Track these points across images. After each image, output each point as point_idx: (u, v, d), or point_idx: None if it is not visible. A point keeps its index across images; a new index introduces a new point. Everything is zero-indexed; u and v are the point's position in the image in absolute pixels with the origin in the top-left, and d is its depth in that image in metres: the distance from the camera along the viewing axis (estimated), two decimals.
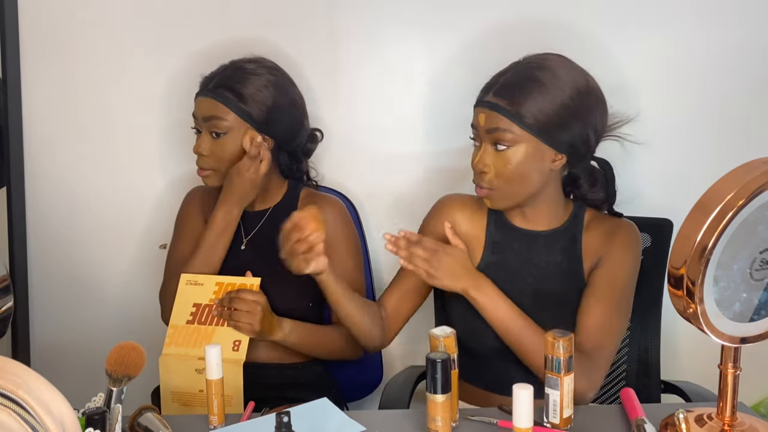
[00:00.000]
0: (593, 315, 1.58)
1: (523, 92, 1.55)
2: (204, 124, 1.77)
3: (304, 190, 1.90)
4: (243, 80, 1.77)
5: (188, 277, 1.73)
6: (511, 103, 1.55)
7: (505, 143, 1.56)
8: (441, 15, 2.03)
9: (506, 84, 1.57)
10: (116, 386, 1.27)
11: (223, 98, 1.75)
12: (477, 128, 1.60)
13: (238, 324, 1.62)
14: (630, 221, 1.69)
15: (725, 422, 1.31)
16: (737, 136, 2.06)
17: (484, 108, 1.58)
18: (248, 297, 1.63)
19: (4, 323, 1.40)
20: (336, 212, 1.85)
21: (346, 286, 1.67)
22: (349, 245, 1.85)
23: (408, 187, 2.11)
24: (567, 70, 1.58)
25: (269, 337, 1.67)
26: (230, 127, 1.76)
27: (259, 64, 1.81)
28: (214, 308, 1.66)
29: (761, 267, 1.25)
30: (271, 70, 1.82)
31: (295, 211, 1.56)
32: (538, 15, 2.01)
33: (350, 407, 1.96)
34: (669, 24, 2.02)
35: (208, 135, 1.77)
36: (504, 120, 1.55)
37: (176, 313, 1.67)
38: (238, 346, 1.62)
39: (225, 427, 1.40)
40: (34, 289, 2.17)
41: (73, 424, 0.97)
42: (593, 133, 1.59)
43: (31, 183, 2.14)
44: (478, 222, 1.72)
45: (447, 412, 1.30)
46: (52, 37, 2.09)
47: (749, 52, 2.02)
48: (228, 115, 1.75)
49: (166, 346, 1.63)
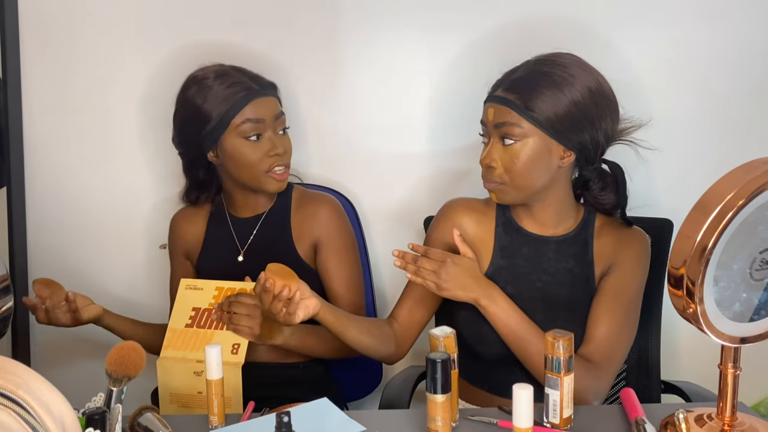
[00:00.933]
0: (603, 325, 1.57)
1: (533, 87, 1.54)
2: (273, 123, 1.78)
3: (296, 190, 1.89)
4: (263, 79, 1.82)
5: (188, 281, 1.73)
6: (521, 97, 1.54)
7: (513, 137, 1.55)
8: (441, 15, 2.03)
9: (517, 80, 1.57)
10: (116, 386, 1.27)
11: (276, 95, 1.81)
12: (486, 124, 1.60)
13: (238, 327, 1.62)
14: (641, 230, 1.67)
15: (725, 422, 1.31)
16: (738, 136, 2.06)
17: (493, 103, 1.58)
18: (248, 301, 1.62)
19: (4, 323, 1.40)
20: (331, 210, 1.84)
21: (344, 313, 1.64)
22: (345, 242, 1.84)
23: (408, 188, 2.11)
24: (579, 69, 1.57)
25: (269, 342, 1.66)
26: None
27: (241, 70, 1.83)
28: (214, 312, 1.66)
29: (761, 267, 1.25)
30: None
31: (262, 272, 1.53)
32: (539, 15, 2.00)
33: (350, 407, 1.96)
34: (669, 25, 2.02)
35: (280, 135, 1.80)
36: (512, 114, 1.54)
37: (175, 317, 1.67)
38: (237, 350, 1.61)
39: (225, 427, 1.40)
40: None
41: (73, 424, 0.98)
42: (603, 134, 1.58)
43: (31, 183, 2.14)
44: (486, 226, 1.70)
45: (447, 412, 1.30)
46: (52, 37, 2.09)
47: (750, 52, 2.02)
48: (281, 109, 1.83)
49: (164, 349, 1.63)
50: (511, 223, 1.68)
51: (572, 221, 1.67)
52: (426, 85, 2.07)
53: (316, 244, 1.83)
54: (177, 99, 1.81)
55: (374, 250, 2.11)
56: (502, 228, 1.69)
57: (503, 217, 1.69)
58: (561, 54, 1.60)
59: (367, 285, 1.98)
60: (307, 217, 1.83)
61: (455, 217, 1.71)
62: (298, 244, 1.82)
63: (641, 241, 1.65)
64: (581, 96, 1.55)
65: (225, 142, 1.75)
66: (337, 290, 1.83)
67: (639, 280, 1.63)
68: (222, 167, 1.81)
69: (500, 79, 1.61)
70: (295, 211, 1.85)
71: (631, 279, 1.62)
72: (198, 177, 1.86)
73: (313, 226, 1.83)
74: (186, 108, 1.79)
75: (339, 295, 1.82)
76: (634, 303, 1.62)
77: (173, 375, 1.60)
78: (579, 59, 1.60)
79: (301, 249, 1.82)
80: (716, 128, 2.06)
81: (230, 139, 1.74)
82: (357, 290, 1.85)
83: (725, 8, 2.01)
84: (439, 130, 2.08)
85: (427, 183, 2.10)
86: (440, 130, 2.08)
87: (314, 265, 1.84)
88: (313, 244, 1.83)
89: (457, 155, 2.05)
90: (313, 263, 1.84)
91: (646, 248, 1.66)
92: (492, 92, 1.60)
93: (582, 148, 1.57)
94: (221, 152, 1.77)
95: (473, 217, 1.71)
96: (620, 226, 1.67)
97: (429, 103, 2.07)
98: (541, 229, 1.66)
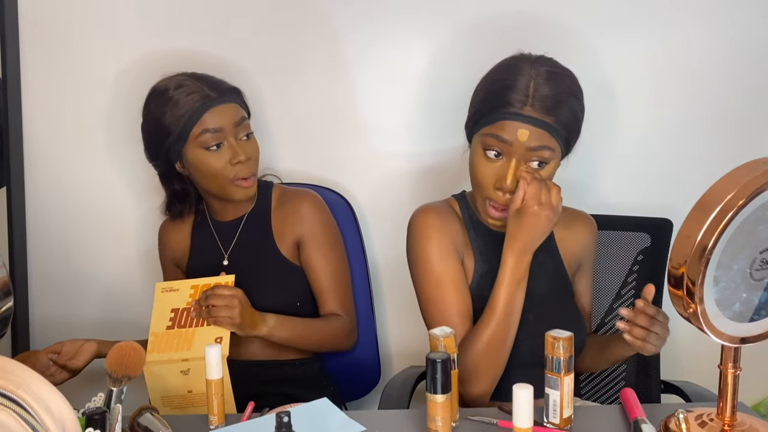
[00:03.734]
0: (587, 295, 1.71)
1: (561, 107, 1.49)
2: (234, 130, 1.74)
3: (276, 188, 1.88)
4: (221, 82, 1.80)
5: (163, 285, 1.73)
6: (556, 120, 1.48)
7: (545, 160, 1.49)
8: (441, 16, 2.03)
9: (546, 98, 1.48)
10: (116, 386, 1.27)
11: (239, 100, 1.79)
12: (509, 143, 1.48)
13: (218, 318, 1.61)
14: (580, 210, 1.72)
15: (725, 422, 1.31)
16: (737, 136, 2.06)
17: (527, 124, 1.47)
18: (224, 292, 1.62)
19: (4, 323, 1.40)
20: (311, 205, 1.83)
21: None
22: (329, 236, 1.84)
23: (407, 188, 2.11)
24: (576, 81, 1.55)
25: (253, 332, 1.66)
26: (250, 126, 1.79)
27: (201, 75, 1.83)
28: (192, 309, 1.66)
29: (761, 267, 1.25)
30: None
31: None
32: (537, 18, 2.01)
33: (350, 407, 1.96)
34: (670, 24, 2.02)
35: (242, 141, 1.75)
36: (549, 138, 1.48)
37: (155, 321, 1.67)
38: (221, 342, 1.61)
39: (225, 427, 1.40)
40: (34, 290, 2.18)
41: (73, 424, 0.97)
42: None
43: (31, 183, 2.14)
44: (461, 230, 1.63)
45: (447, 412, 1.29)
46: (52, 38, 2.09)
47: (750, 51, 2.02)
48: (245, 113, 1.79)
49: (149, 353, 1.60)
50: (480, 225, 1.63)
51: None
52: (425, 85, 2.07)
53: (299, 241, 1.82)
54: (142, 112, 1.81)
55: (373, 250, 2.11)
56: (473, 231, 1.63)
57: (470, 219, 1.63)
58: (556, 61, 1.56)
59: (364, 284, 1.98)
60: (288, 215, 1.82)
61: (443, 229, 1.59)
62: (281, 243, 1.82)
63: (586, 219, 1.71)
64: (583, 111, 1.55)
65: (187, 153, 1.74)
66: (324, 285, 1.82)
67: (594, 249, 1.73)
68: (190, 177, 1.81)
69: (518, 95, 1.48)
70: (275, 211, 1.84)
71: (594, 251, 1.73)
72: (174, 188, 1.85)
73: (295, 223, 1.81)
74: (148, 121, 1.79)
75: (326, 290, 1.82)
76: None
77: (161, 378, 1.59)
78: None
79: (284, 247, 1.82)
80: (716, 128, 2.06)
81: (191, 150, 1.73)
82: (344, 285, 1.85)
83: (726, 9, 2.01)
84: (439, 131, 2.08)
85: (426, 183, 2.10)
86: (440, 131, 2.08)
87: (299, 263, 1.83)
88: (295, 241, 1.82)
89: (456, 155, 2.05)
90: (297, 261, 1.83)
91: (592, 224, 1.72)
92: (516, 108, 1.48)
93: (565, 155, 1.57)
94: (186, 163, 1.77)
95: (454, 224, 1.62)
96: (565, 209, 1.63)
97: (428, 103, 2.08)
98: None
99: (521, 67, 1.52)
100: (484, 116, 1.53)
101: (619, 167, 2.07)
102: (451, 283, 1.57)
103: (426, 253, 1.59)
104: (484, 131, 1.52)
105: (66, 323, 2.18)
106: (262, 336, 1.69)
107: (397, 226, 2.09)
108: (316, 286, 1.83)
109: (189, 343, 1.61)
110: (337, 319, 1.81)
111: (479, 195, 1.57)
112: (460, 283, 1.58)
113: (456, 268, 1.59)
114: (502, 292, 1.51)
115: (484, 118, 1.53)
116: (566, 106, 1.50)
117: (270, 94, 2.07)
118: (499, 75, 1.55)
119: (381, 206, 2.11)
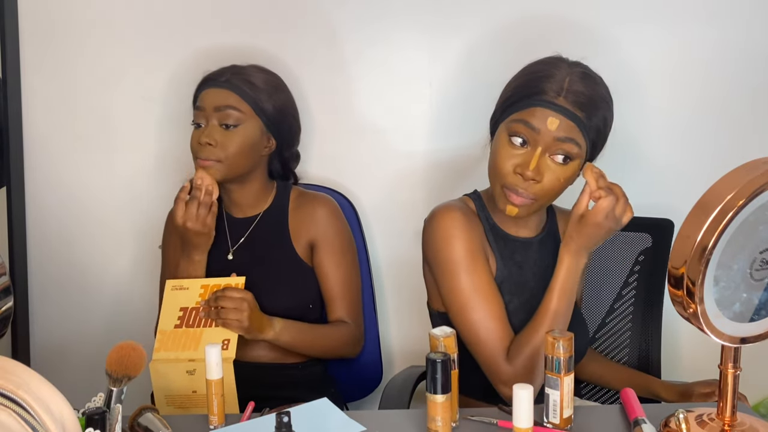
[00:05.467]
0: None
1: (595, 108, 1.48)
2: (214, 114, 1.74)
3: (294, 190, 1.89)
4: (256, 77, 1.78)
5: (173, 282, 1.73)
6: (587, 116, 1.47)
7: (571, 156, 1.47)
8: (442, 16, 2.03)
9: (580, 93, 1.47)
10: (116, 386, 1.27)
11: (239, 90, 1.75)
12: (537, 130, 1.46)
13: (227, 321, 1.61)
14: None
15: (725, 422, 1.31)
16: (738, 136, 2.06)
17: (556, 112, 1.46)
18: (234, 294, 1.62)
19: (4, 323, 1.40)
20: (328, 210, 1.84)
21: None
22: (342, 243, 1.84)
23: (408, 188, 2.11)
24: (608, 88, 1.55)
25: (260, 336, 1.66)
26: (243, 119, 1.75)
27: (260, 68, 1.82)
28: (201, 309, 1.66)
29: (761, 267, 1.25)
30: (275, 75, 1.84)
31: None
32: (539, 15, 2.01)
33: (350, 407, 1.96)
34: (671, 24, 2.02)
35: (217, 127, 1.75)
36: (578, 132, 1.46)
37: (164, 319, 1.67)
38: (228, 345, 1.61)
39: (225, 427, 1.40)
40: (34, 289, 2.18)
41: (73, 424, 0.98)
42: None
43: (31, 183, 2.14)
44: (482, 233, 1.59)
45: (447, 412, 1.29)
46: (52, 37, 2.09)
47: (752, 52, 2.02)
48: (242, 106, 1.75)
49: (156, 351, 1.61)
50: (497, 230, 1.61)
51: (542, 220, 1.65)
52: (426, 85, 2.07)
53: (313, 244, 1.83)
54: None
55: (374, 250, 2.11)
56: (491, 235, 1.60)
57: (487, 222, 1.60)
58: (593, 70, 1.55)
59: (366, 285, 1.98)
60: (304, 217, 1.83)
61: (465, 229, 1.54)
62: (296, 242, 1.82)
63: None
64: (612, 120, 1.54)
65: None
66: (333, 292, 1.82)
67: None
68: None
69: (551, 84, 1.48)
70: (293, 212, 1.85)
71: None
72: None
73: (310, 226, 1.82)
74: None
75: (335, 296, 1.82)
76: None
77: (166, 377, 1.60)
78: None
79: (299, 247, 1.82)
80: (716, 128, 2.06)
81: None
82: (353, 292, 1.85)
83: (727, 9, 2.01)
84: (439, 131, 2.08)
85: (427, 183, 2.10)
86: (440, 131, 2.08)
87: (311, 263, 1.84)
88: (309, 243, 1.83)
89: (457, 155, 2.05)
90: (310, 261, 1.83)
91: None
92: (550, 97, 1.46)
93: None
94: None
95: (475, 226, 1.57)
96: (561, 211, 1.67)
97: (429, 103, 2.07)
98: (523, 232, 1.62)
99: (559, 65, 1.52)
100: (514, 103, 1.50)
101: (619, 167, 2.07)
102: (488, 287, 1.53)
103: (457, 257, 1.53)
104: (512, 117, 1.49)
105: (66, 323, 2.18)
106: (269, 340, 1.70)
107: (398, 226, 2.10)
108: (325, 292, 1.83)
109: (196, 344, 1.61)
110: (345, 327, 1.82)
111: (497, 183, 1.51)
112: (494, 285, 1.55)
113: (487, 270, 1.55)
114: (556, 292, 1.49)
115: (515, 105, 1.50)
116: (599, 108, 1.50)
117: None
118: (535, 67, 1.54)
119: (383, 206, 2.11)
